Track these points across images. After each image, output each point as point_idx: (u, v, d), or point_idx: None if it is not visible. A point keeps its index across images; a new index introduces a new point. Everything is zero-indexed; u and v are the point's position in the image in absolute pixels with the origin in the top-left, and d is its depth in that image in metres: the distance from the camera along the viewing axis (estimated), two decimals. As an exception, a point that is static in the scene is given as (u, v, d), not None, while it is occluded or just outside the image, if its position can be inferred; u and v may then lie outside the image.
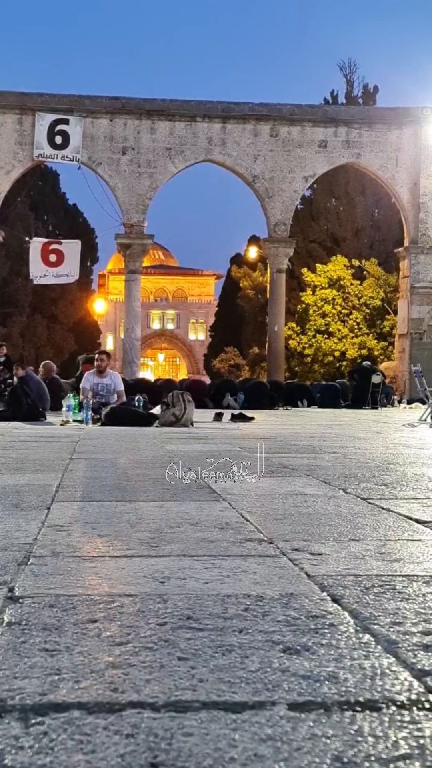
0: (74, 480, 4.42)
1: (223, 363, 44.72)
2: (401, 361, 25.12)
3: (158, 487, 4.15)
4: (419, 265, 24.46)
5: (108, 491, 3.97)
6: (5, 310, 34.68)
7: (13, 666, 1.44)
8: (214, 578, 2.12)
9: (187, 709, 1.26)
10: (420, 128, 24.13)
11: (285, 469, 5.14)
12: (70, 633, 1.64)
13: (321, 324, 32.53)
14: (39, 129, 23.03)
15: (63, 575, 2.14)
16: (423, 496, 3.87)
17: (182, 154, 23.84)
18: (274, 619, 1.76)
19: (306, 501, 3.65)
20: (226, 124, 23.91)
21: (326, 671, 1.43)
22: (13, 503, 3.49)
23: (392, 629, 1.70)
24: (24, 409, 11.13)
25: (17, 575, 2.14)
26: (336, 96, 37.95)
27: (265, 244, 24.91)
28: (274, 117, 23.99)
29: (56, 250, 23.74)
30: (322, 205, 36.56)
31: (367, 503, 3.61)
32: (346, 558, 2.41)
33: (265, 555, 2.45)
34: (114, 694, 1.32)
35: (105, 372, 12.24)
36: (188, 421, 10.30)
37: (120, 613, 1.79)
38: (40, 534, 2.74)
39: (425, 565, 2.34)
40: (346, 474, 4.84)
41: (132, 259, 24.19)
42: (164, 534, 2.77)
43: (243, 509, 3.38)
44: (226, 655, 1.52)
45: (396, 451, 6.81)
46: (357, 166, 25.60)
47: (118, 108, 23.65)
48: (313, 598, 1.94)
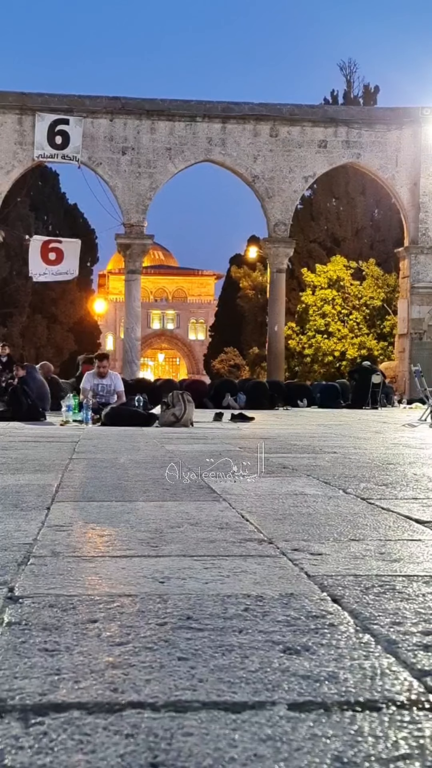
0: (74, 480, 4.42)
1: (223, 363, 44.72)
2: (401, 361, 25.12)
3: (158, 487, 4.15)
4: (419, 265, 24.46)
5: (108, 491, 3.97)
6: (5, 310, 34.67)
7: (13, 666, 1.44)
8: (214, 578, 2.12)
9: (187, 709, 1.26)
10: (420, 128, 24.13)
11: (285, 469, 5.14)
12: (70, 633, 1.64)
13: (321, 324, 32.53)
14: (39, 129, 23.03)
15: (63, 575, 2.14)
16: (423, 496, 3.87)
17: (182, 154, 23.83)
18: (274, 619, 1.76)
19: (306, 501, 3.65)
20: (226, 124, 23.91)
21: (326, 671, 1.43)
22: (13, 503, 3.49)
23: (392, 629, 1.70)
24: (24, 409, 11.12)
25: (17, 575, 2.14)
26: (336, 96, 37.97)
27: (265, 244, 24.90)
28: (274, 117, 23.99)
29: (56, 248, 23.73)
30: (322, 205, 36.55)
31: (367, 503, 3.61)
32: (346, 558, 2.41)
33: (265, 555, 2.45)
34: (114, 694, 1.32)
35: (104, 376, 12.27)
36: (188, 421, 10.30)
37: (120, 613, 1.79)
38: (40, 534, 2.74)
39: (425, 565, 2.34)
40: (346, 474, 4.84)
41: (132, 259, 24.19)
42: (164, 534, 2.77)
43: (243, 509, 3.38)
44: (226, 655, 1.52)
45: (396, 451, 6.81)
46: (357, 166, 25.59)
47: (118, 108, 23.64)
48: (313, 598, 1.94)
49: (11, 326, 35.37)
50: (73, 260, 23.82)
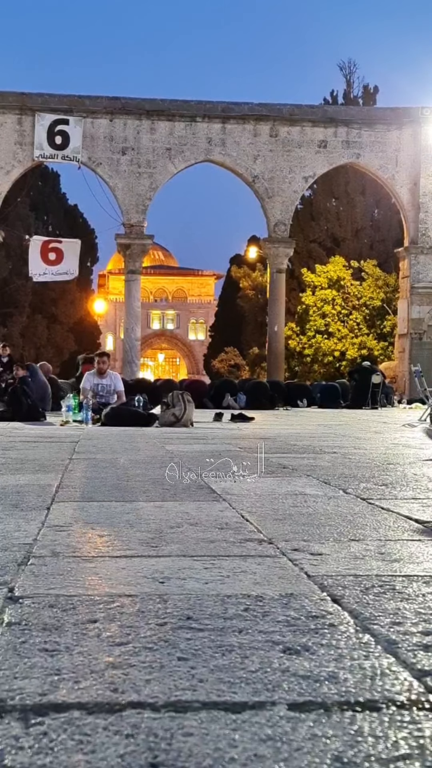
0: (74, 480, 4.42)
1: (223, 363, 44.73)
2: (401, 361, 25.12)
3: (158, 487, 4.15)
4: (419, 266, 24.47)
5: (108, 491, 3.97)
6: (5, 310, 34.67)
7: (13, 666, 1.44)
8: (214, 578, 2.12)
9: (187, 709, 1.26)
10: (420, 128, 24.14)
11: (285, 469, 5.14)
12: (70, 633, 1.64)
13: (321, 324, 32.53)
14: (39, 129, 23.03)
15: (63, 575, 2.14)
16: (423, 496, 3.87)
17: (182, 154, 23.84)
18: (274, 619, 1.76)
19: (306, 501, 3.65)
20: (226, 124, 23.91)
21: (326, 671, 1.43)
22: (13, 503, 3.49)
23: (392, 629, 1.70)
24: (24, 409, 11.12)
25: (17, 575, 2.14)
26: (336, 96, 37.97)
27: (265, 245, 24.91)
28: (274, 117, 23.99)
29: (56, 248, 23.74)
30: (322, 205, 36.55)
31: (367, 503, 3.61)
32: (346, 558, 2.41)
33: (265, 555, 2.45)
34: (114, 694, 1.32)
35: (105, 373, 12.26)
36: (188, 422, 10.30)
37: (120, 613, 1.79)
38: (40, 534, 2.74)
39: (425, 565, 2.34)
40: (346, 474, 4.84)
41: (132, 260, 24.20)
42: (164, 534, 2.77)
43: (243, 509, 3.38)
44: (226, 655, 1.52)
45: (396, 451, 6.81)
46: (357, 166, 25.60)
47: (118, 108, 23.65)
48: (313, 598, 1.94)
49: (11, 326, 35.37)
50: (73, 260, 23.82)
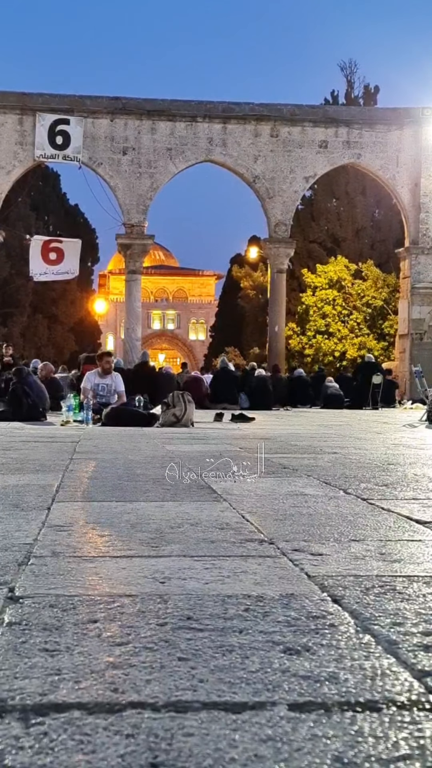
0: (74, 480, 4.42)
1: (223, 363, 44.64)
2: (402, 362, 25.11)
3: (158, 487, 4.15)
4: (420, 266, 24.46)
5: (108, 491, 3.97)
6: (6, 310, 34.68)
7: (14, 666, 1.44)
8: (215, 578, 2.12)
9: (188, 710, 1.26)
10: (420, 128, 24.13)
11: (285, 469, 5.14)
12: (71, 633, 1.64)
13: (321, 324, 32.51)
14: (39, 129, 23.03)
15: (63, 575, 2.14)
16: (423, 497, 3.87)
17: (183, 154, 23.83)
18: (275, 619, 1.76)
19: (306, 501, 3.65)
20: (227, 125, 23.91)
21: (326, 672, 1.43)
22: (13, 503, 3.49)
23: (392, 630, 1.70)
24: (24, 409, 11.12)
25: (17, 575, 2.13)
26: (336, 96, 37.92)
27: (266, 245, 24.90)
28: (274, 117, 23.99)
29: (56, 248, 23.74)
30: (323, 206, 36.54)
31: (368, 504, 3.60)
32: (347, 558, 2.41)
33: (265, 555, 2.45)
34: (114, 694, 1.32)
35: (110, 373, 12.26)
36: (188, 422, 10.30)
37: (120, 613, 1.79)
38: (40, 534, 2.74)
39: (425, 566, 2.34)
40: (347, 474, 4.84)
41: (132, 260, 24.20)
42: (164, 534, 2.77)
43: (243, 510, 3.38)
44: (226, 655, 1.52)
45: (396, 452, 6.81)
46: (357, 166, 25.59)
47: (118, 108, 23.64)
48: (313, 598, 1.94)
49: (12, 326, 35.38)
50: (73, 260, 23.82)
